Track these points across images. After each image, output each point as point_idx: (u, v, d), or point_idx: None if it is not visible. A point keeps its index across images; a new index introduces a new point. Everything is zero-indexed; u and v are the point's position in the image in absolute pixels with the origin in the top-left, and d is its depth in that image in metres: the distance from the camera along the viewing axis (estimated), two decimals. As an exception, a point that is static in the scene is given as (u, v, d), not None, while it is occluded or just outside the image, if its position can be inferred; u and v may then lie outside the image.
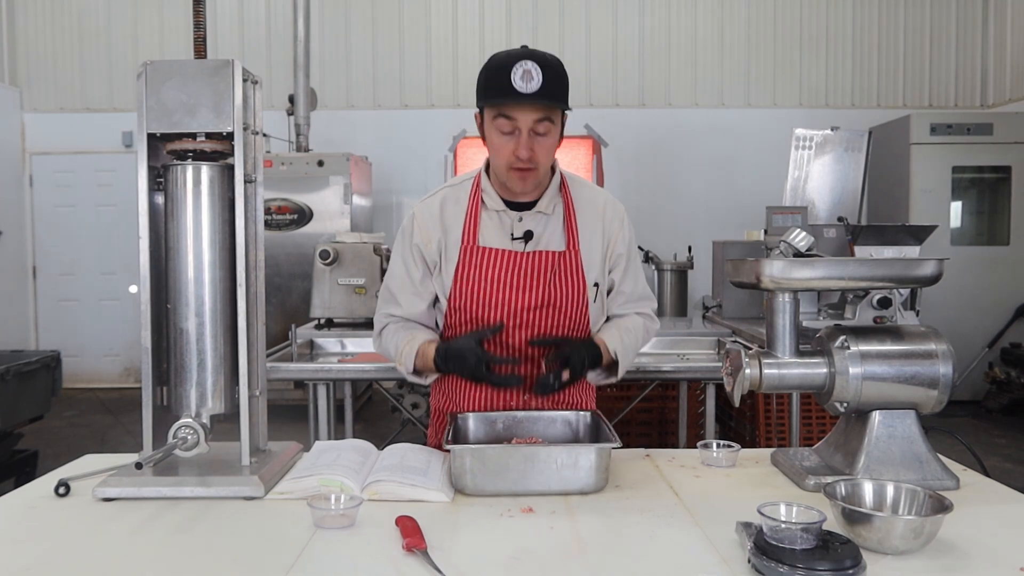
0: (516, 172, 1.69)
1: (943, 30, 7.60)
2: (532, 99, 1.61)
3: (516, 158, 1.66)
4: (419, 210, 1.83)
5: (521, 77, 1.60)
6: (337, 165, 6.08)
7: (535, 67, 1.60)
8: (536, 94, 1.60)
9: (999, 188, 6.68)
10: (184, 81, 1.52)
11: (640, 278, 1.92)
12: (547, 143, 1.69)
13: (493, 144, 1.71)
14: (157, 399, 1.57)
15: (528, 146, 1.65)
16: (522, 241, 1.77)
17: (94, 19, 7.60)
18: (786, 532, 1.13)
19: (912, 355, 1.53)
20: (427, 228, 1.80)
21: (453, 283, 1.77)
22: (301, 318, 3.97)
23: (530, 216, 1.78)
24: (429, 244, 1.79)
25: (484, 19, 7.55)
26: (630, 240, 1.88)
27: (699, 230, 6.75)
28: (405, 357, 1.76)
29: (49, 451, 4.59)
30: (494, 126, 1.68)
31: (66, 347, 6.34)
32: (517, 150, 1.65)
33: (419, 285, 1.82)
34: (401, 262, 1.84)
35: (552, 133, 1.69)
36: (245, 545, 1.28)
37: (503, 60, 1.64)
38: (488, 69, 1.67)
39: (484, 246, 1.76)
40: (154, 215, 1.59)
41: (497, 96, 1.63)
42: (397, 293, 1.84)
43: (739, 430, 4.14)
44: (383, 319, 1.88)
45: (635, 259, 1.91)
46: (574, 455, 1.51)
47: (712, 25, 7.58)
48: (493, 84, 1.64)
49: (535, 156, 1.67)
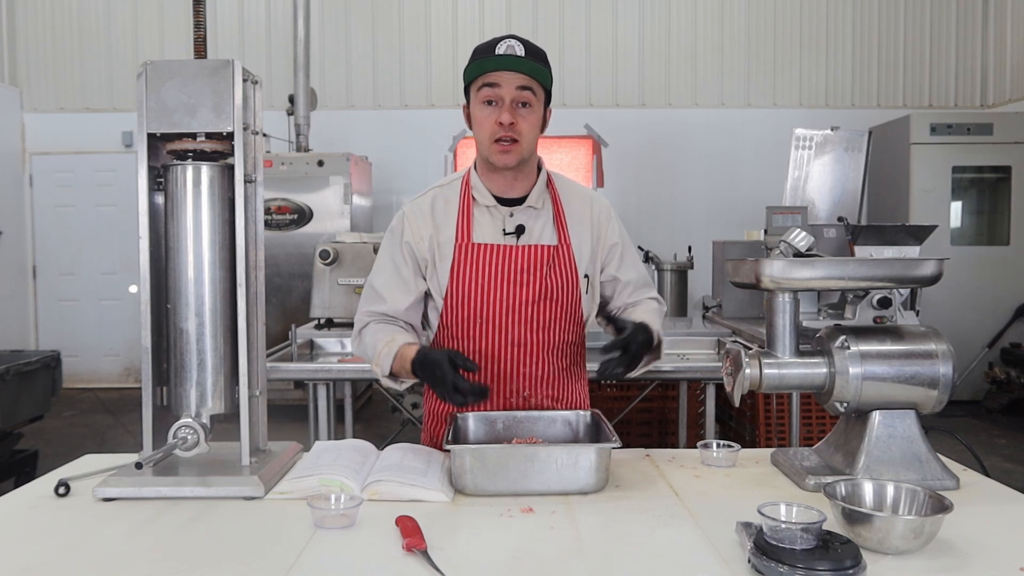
0: (499, 145, 1.72)
1: (943, 30, 7.60)
2: (515, 65, 1.68)
3: (499, 126, 1.70)
4: (409, 209, 1.85)
5: (504, 48, 1.68)
6: (337, 165, 6.08)
7: (517, 44, 1.70)
8: (519, 59, 1.68)
9: (999, 188, 6.68)
10: (184, 81, 1.52)
11: (639, 265, 1.94)
12: (530, 118, 1.73)
13: (477, 119, 1.75)
14: (157, 399, 1.57)
15: (510, 112, 1.70)
16: (514, 235, 1.80)
17: (94, 19, 7.60)
18: (786, 532, 1.13)
19: (912, 355, 1.53)
20: (418, 226, 1.81)
21: (449, 280, 1.78)
22: (301, 318, 3.97)
23: (520, 211, 1.81)
24: (420, 242, 1.80)
25: (484, 19, 7.55)
26: (620, 230, 1.91)
27: (699, 230, 6.75)
28: (383, 358, 1.73)
29: (49, 451, 4.59)
30: (478, 99, 1.73)
31: (66, 347, 6.33)
32: (500, 117, 1.69)
33: (407, 282, 1.82)
34: (389, 260, 1.84)
35: (535, 107, 1.73)
36: (245, 545, 1.28)
37: (487, 43, 1.72)
38: (475, 51, 1.74)
39: (478, 242, 1.78)
40: (154, 215, 1.59)
41: (480, 63, 1.70)
42: (382, 289, 1.83)
43: (739, 430, 4.14)
44: (364, 317, 1.85)
45: (630, 248, 1.93)
46: (574, 455, 1.51)
47: (712, 25, 7.58)
48: (477, 62, 1.71)
49: (517, 125, 1.71)
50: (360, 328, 1.87)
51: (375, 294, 1.85)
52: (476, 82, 1.72)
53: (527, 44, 1.70)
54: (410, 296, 1.82)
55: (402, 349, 1.71)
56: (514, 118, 1.70)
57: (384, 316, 1.83)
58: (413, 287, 1.82)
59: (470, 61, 1.74)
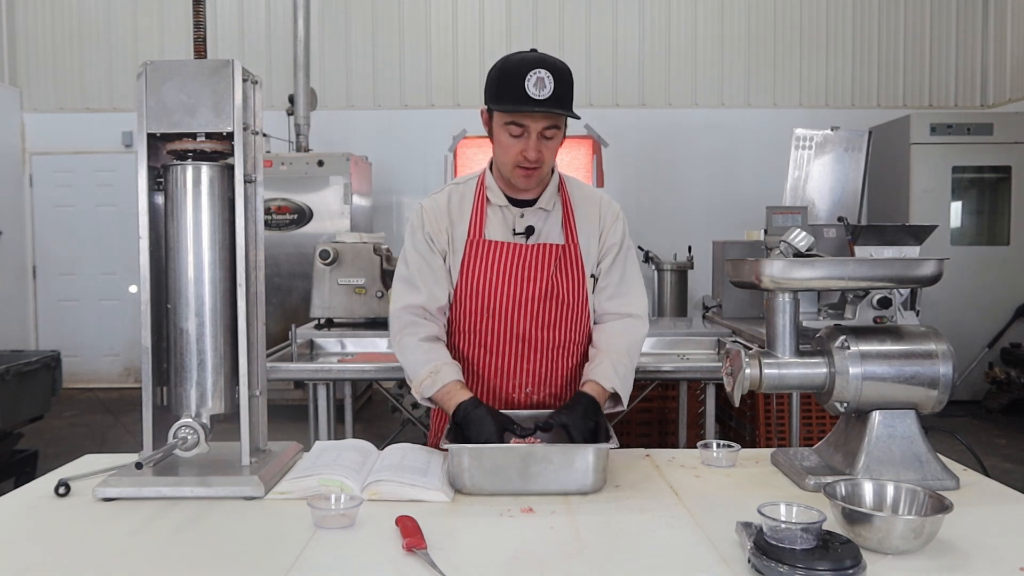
0: (522, 171, 1.75)
1: (943, 30, 7.60)
2: (544, 106, 1.66)
3: (524, 158, 1.72)
4: (427, 204, 1.88)
5: (535, 84, 1.65)
6: (337, 165, 6.08)
7: (548, 75, 1.65)
8: (548, 101, 1.65)
9: (999, 188, 6.68)
10: (184, 81, 1.52)
11: (629, 274, 1.91)
12: (553, 145, 1.76)
13: (501, 143, 1.76)
14: (157, 399, 1.57)
15: (536, 148, 1.72)
16: (523, 235, 1.83)
17: (94, 19, 7.60)
18: (786, 532, 1.13)
19: (912, 355, 1.53)
20: (436, 219, 1.85)
21: (460, 275, 1.82)
22: (301, 318, 3.96)
23: (531, 212, 1.85)
24: (440, 234, 1.84)
25: (484, 19, 7.55)
26: (623, 234, 1.91)
27: (699, 230, 6.74)
28: (425, 387, 1.74)
29: (49, 451, 4.58)
30: (504, 128, 1.73)
31: (66, 347, 6.33)
32: (526, 151, 1.72)
33: (437, 272, 1.84)
34: (416, 253, 1.85)
35: (558, 136, 1.76)
36: (245, 545, 1.28)
37: (517, 66, 1.68)
38: (502, 74, 1.70)
39: (489, 239, 1.82)
40: (154, 215, 1.59)
41: (511, 103, 1.68)
42: (417, 280, 1.83)
43: (739, 430, 4.14)
44: (403, 315, 1.83)
45: (627, 254, 1.92)
46: (570, 456, 1.51)
47: (712, 25, 7.57)
48: (507, 90, 1.68)
49: (542, 157, 1.73)
50: (401, 329, 1.83)
51: (409, 285, 1.85)
52: (504, 114, 1.72)
53: (555, 71, 1.67)
54: (443, 288, 1.84)
55: (450, 388, 1.71)
56: (540, 151, 1.72)
57: (422, 311, 1.82)
58: (443, 277, 1.84)
59: (498, 81, 1.70)
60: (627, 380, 1.81)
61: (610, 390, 1.75)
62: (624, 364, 1.80)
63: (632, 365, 1.85)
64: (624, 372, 1.79)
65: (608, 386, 1.75)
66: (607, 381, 1.75)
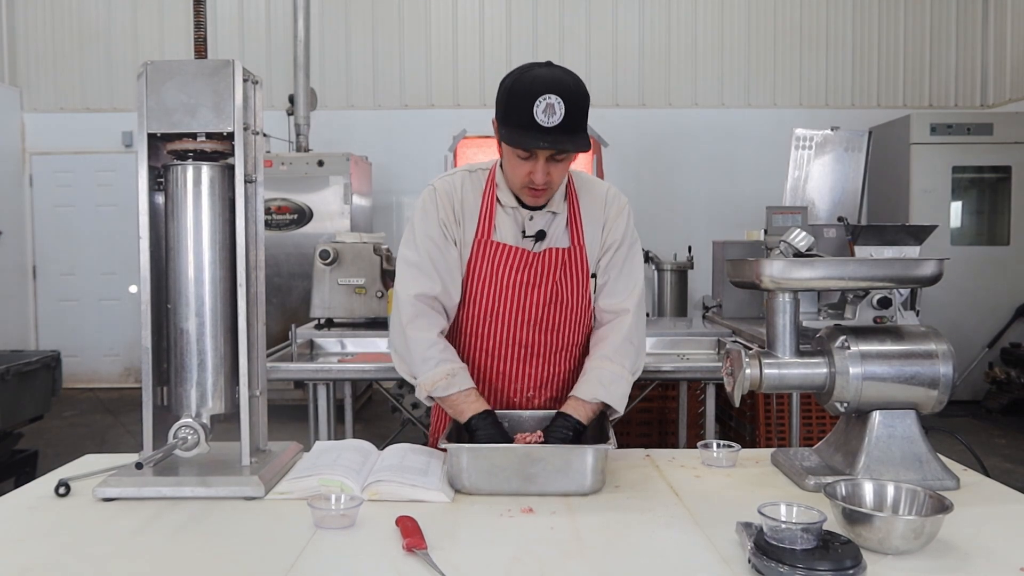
0: (530, 191, 1.71)
1: (943, 30, 7.60)
2: (550, 136, 1.58)
3: (531, 180, 1.67)
4: (440, 186, 1.80)
5: (544, 111, 1.57)
6: (337, 165, 6.08)
7: (558, 101, 1.57)
8: (556, 129, 1.58)
9: (999, 188, 6.68)
10: (184, 81, 1.52)
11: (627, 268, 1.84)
12: (563, 166, 1.69)
13: (509, 162, 1.70)
14: (157, 399, 1.57)
15: (545, 171, 1.65)
16: (532, 239, 1.78)
17: (94, 19, 7.60)
18: (786, 532, 1.13)
19: (912, 355, 1.53)
20: (450, 206, 1.78)
21: (466, 276, 1.79)
22: (301, 318, 3.96)
23: (540, 215, 1.79)
24: (452, 223, 1.78)
25: (484, 19, 7.55)
26: (626, 230, 1.84)
27: (699, 230, 6.75)
28: (439, 388, 1.69)
29: (49, 451, 4.59)
30: (512, 149, 1.66)
31: (66, 347, 6.32)
32: (534, 174, 1.66)
33: (450, 263, 1.77)
34: (428, 239, 1.76)
35: (568, 158, 1.68)
36: (245, 545, 1.28)
37: (528, 87, 1.59)
38: (511, 95, 1.62)
39: (498, 241, 1.78)
40: (154, 215, 1.59)
41: (516, 128, 1.61)
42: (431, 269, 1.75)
43: (739, 430, 4.14)
44: (418, 304, 1.74)
45: (627, 250, 1.85)
46: (568, 456, 1.51)
47: (712, 25, 7.57)
48: (514, 113, 1.60)
49: (551, 179, 1.67)
50: (412, 320, 1.74)
51: (421, 272, 1.75)
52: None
53: (567, 95, 1.58)
54: (457, 284, 1.79)
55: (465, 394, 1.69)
56: (548, 173, 1.66)
57: (437, 302, 1.76)
58: (457, 273, 1.79)
59: (507, 100, 1.62)
60: (616, 384, 1.73)
61: (592, 401, 1.70)
62: (609, 369, 1.74)
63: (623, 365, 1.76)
64: (610, 378, 1.73)
65: (589, 398, 1.70)
66: (588, 394, 1.71)
